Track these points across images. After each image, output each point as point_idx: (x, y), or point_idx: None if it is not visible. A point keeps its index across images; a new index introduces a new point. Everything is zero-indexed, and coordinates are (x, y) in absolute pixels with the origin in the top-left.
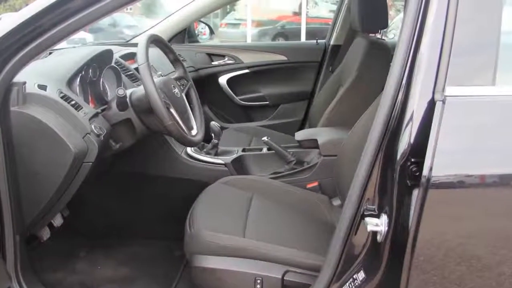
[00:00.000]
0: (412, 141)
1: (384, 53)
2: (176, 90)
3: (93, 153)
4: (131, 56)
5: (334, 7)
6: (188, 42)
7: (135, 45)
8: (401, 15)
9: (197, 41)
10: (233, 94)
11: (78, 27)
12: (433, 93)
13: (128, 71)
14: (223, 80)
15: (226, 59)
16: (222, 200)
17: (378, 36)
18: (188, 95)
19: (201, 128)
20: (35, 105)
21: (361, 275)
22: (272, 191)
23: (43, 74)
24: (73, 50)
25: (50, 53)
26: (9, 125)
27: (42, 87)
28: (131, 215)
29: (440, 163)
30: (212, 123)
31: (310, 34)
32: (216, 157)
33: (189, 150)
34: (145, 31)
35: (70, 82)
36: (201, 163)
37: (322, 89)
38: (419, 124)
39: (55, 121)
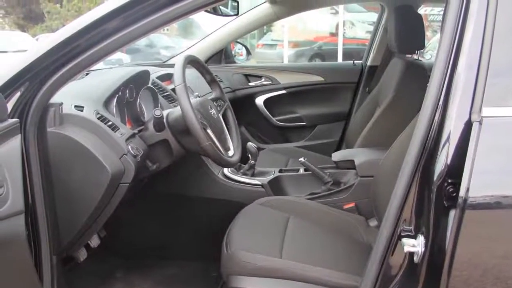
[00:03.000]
0: (449, 162)
1: (421, 73)
2: (213, 111)
3: (130, 174)
4: (168, 77)
5: (371, 28)
6: (225, 63)
7: (172, 66)
8: (438, 36)
9: (234, 62)
10: (270, 115)
11: (115, 48)
12: (470, 114)
13: (165, 92)
14: (260, 101)
15: (263, 80)
16: (259, 221)
17: (415, 56)
18: (225, 116)
19: (238, 149)
20: (72, 126)
21: None
22: (309, 212)
23: (80, 95)
24: (110, 71)
25: (87, 74)
26: (46, 146)
27: (79, 108)
28: (168, 236)
29: (477, 184)
30: (249, 144)
31: (347, 55)
32: (253, 178)
33: (226, 171)
34: (182, 52)
35: (107, 103)
36: (238, 184)
37: (359, 109)
38: (456, 145)
39: (92, 142)
